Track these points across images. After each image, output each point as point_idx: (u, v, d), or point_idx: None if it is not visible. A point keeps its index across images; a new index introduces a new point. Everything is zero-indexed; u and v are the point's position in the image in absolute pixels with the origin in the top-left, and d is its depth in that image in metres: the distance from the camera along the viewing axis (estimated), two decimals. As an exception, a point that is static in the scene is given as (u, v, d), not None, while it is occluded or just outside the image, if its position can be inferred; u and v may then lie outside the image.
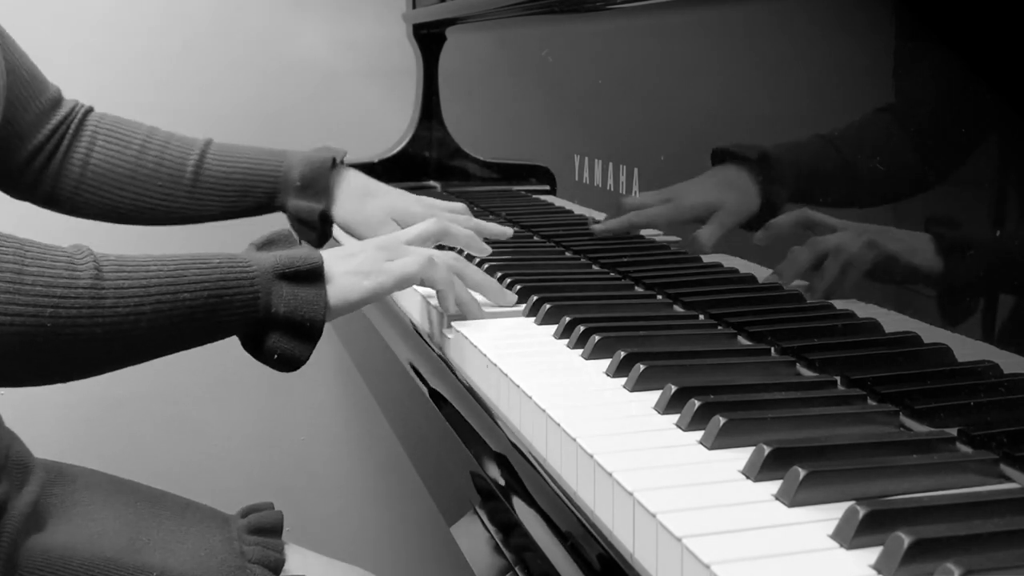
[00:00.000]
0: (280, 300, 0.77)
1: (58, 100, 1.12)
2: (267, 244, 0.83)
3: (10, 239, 0.71)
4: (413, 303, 0.99)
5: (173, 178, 1.11)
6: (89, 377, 0.74)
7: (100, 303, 0.70)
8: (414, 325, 0.98)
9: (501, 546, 0.67)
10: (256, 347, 0.80)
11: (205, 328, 0.77)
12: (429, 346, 0.92)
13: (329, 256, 0.82)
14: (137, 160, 1.10)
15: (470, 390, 0.80)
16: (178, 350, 0.78)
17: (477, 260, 1.01)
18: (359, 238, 1.12)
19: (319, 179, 1.13)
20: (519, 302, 0.92)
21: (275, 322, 0.78)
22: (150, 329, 0.73)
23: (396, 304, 1.05)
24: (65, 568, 0.81)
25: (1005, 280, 0.58)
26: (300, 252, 0.80)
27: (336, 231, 1.20)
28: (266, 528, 0.96)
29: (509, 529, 0.67)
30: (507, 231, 1.04)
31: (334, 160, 1.16)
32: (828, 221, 0.74)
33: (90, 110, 1.14)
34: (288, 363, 0.79)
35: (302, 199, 1.14)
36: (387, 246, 0.86)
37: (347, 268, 0.82)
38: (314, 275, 0.79)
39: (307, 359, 0.80)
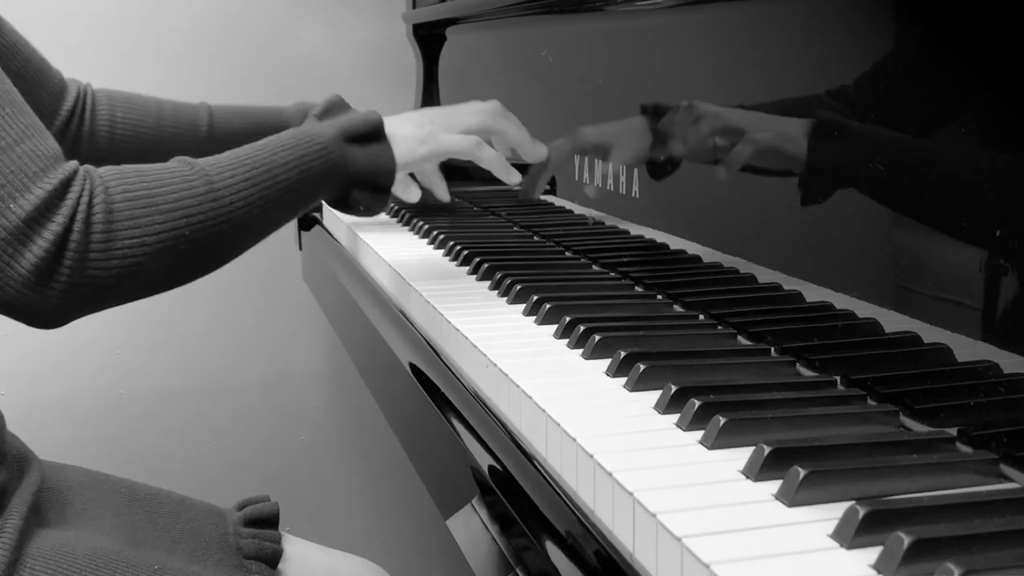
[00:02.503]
0: (355, 161, 0.89)
1: (63, 84, 1.14)
2: (326, 112, 0.94)
3: (130, 169, 0.80)
4: (416, 303, 0.99)
5: (192, 138, 1.17)
6: (225, 264, 0.86)
7: (219, 203, 0.81)
8: (412, 323, 0.98)
9: (500, 546, 0.67)
10: (340, 202, 0.92)
11: (302, 198, 0.88)
12: (430, 346, 0.92)
13: (390, 120, 0.94)
14: (158, 126, 1.16)
15: (470, 390, 0.80)
16: (288, 220, 0.89)
17: (480, 261, 1.02)
18: None
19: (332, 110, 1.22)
20: (519, 301, 0.92)
21: (354, 180, 0.90)
22: (262, 213, 0.84)
23: (397, 301, 1.05)
24: (70, 557, 0.82)
25: (1005, 280, 0.58)
26: (359, 115, 0.92)
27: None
28: (262, 520, 0.97)
29: (508, 529, 0.67)
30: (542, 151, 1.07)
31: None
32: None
33: (89, 86, 1.18)
34: (370, 210, 0.92)
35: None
36: (442, 121, 0.97)
37: (406, 132, 0.94)
38: (377, 134, 0.91)
39: (386, 206, 0.93)
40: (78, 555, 0.82)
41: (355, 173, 0.89)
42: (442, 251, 1.15)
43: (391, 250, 1.15)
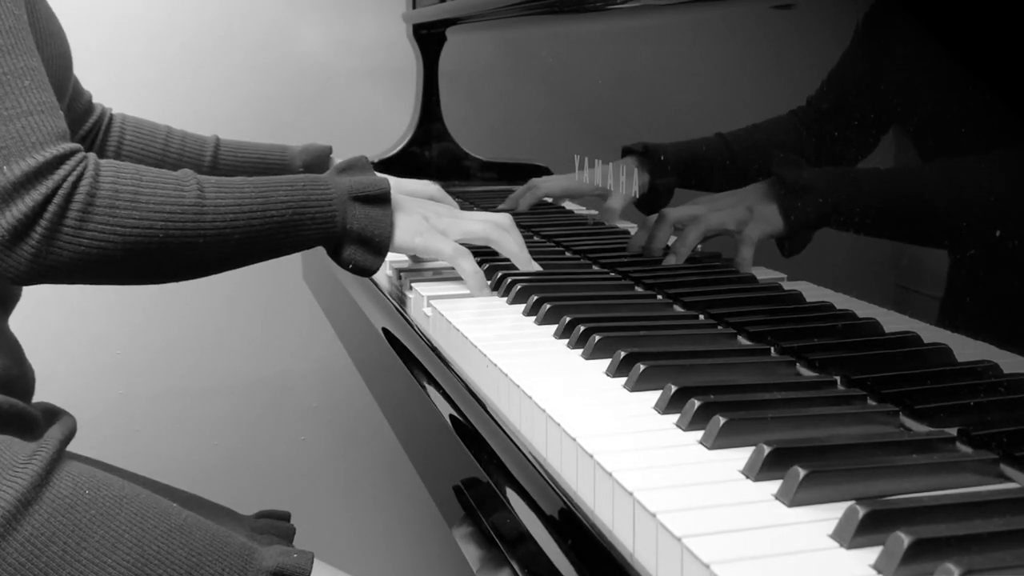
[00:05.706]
0: (354, 218, 0.92)
1: (90, 105, 1.20)
2: (347, 169, 0.96)
3: (130, 166, 0.86)
4: (416, 304, 0.99)
5: (194, 168, 1.20)
6: (194, 278, 0.90)
7: (201, 218, 0.85)
8: (412, 323, 0.98)
9: (500, 546, 0.67)
10: (335, 254, 0.94)
11: (290, 240, 0.91)
12: (430, 347, 0.91)
13: (403, 198, 0.97)
14: (163, 152, 1.21)
15: (470, 390, 0.80)
16: (270, 257, 0.92)
17: (480, 262, 1.01)
18: None
19: (319, 165, 1.26)
20: (519, 301, 0.92)
21: (350, 236, 0.93)
22: (242, 240, 0.88)
23: (396, 303, 1.05)
24: (99, 479, 0.84)
25: (1005, 280, 0.58)
26: (371, 179, 0.94)
27: None
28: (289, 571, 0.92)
29: (508, 529, 0.67)
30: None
31: (330, 148, 1.30)
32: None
33: (110, 110, 1.23)
34: (362, 271, 0.94)
35: None
36: (446, 224, 0.98)
37: (409, 222, 0.96)
38: (382, 199, 0.94)
39: (378, 268, 0.95)
40: (107, 481, 0.85)
41: (351, 229, 0.92)
42: (442, 251, 1.15)
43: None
